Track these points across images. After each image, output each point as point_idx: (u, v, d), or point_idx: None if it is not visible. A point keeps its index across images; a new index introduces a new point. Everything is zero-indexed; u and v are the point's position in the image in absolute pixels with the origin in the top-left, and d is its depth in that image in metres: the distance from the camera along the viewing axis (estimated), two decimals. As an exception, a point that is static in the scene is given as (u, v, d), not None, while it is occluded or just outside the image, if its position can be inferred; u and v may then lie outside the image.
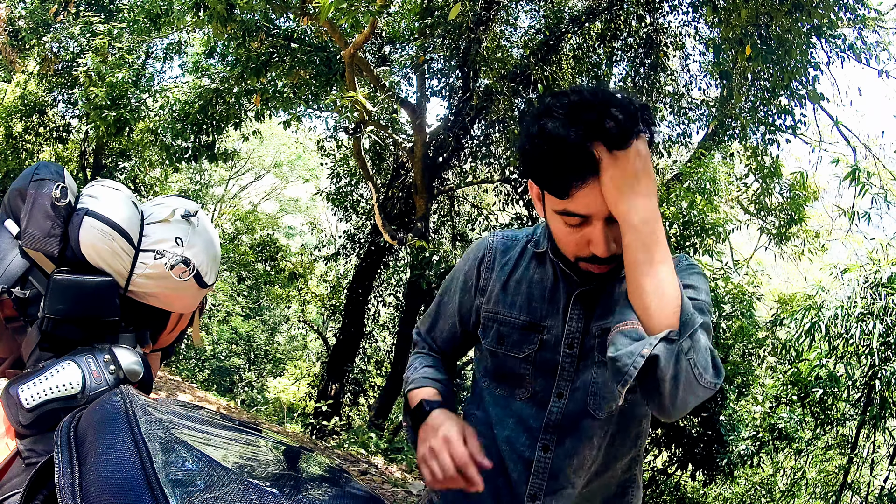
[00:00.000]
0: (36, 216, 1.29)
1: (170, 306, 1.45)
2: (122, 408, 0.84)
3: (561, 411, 1.33)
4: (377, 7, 6.07)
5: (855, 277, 5.97)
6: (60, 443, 0.79)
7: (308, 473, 0.98)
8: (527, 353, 1.35)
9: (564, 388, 1.34)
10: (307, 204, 22.71)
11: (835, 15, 6.45)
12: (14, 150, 11.71)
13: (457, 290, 1.50)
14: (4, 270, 1.30)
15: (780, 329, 6.71)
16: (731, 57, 6.37)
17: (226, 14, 6.73)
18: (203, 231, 1.46)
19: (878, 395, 5.80)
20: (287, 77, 8.15)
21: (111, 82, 8.29)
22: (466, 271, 1.48)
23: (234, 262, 13.50)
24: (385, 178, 10.15)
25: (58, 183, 1.33)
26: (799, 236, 9.50)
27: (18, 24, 10.86)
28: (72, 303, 1.28)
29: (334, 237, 12.54)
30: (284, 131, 9.54)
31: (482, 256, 1.46)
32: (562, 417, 1.33)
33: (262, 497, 0.74)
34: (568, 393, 1.34)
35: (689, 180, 6.89)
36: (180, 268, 1.37)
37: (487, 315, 1.42)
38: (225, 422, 1.04)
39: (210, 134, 8.68)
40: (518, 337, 1.36)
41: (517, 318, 1.37)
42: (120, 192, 1.40)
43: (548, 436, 1.34)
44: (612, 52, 8.43)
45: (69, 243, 1.31)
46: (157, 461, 0.71)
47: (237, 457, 0.88)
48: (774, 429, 6.28)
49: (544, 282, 1.38)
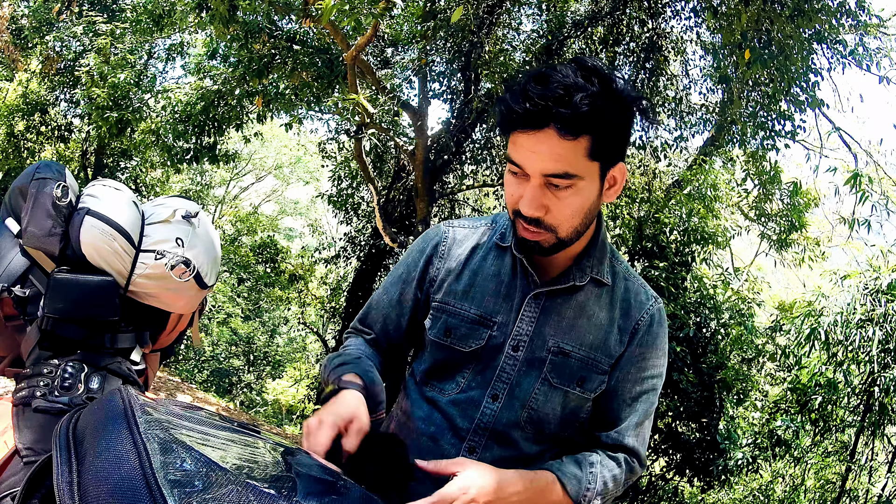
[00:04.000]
0: (37, 215, 1.29)
1: (170, 307, 1.45)
2: (121, 408, 0.84)
3: (494, 415, 1.27)
4: (379, 9, 6.08)
5: (855, 284, 5.97)
6: (59, 442, 0.79)
7: (307, 475, 0.98)
8: (473, 348, 1.28)
9: (501, 391, 1.27)
10: (308, 206, 22.70)
11: (836, 21, 6.45)
12: (15, 149, 11.72)
13: (398, 279, 1.41)
14: (5, 269, 1.30)
15: (779, 335, 6.71)
16: (732, 62, 6.37)
17: (228, 15, 6.73)
18: (204, 232, 1.46)
19: (876, 402, 5.79)
20: (289, 79, 8.16)
21: (113, 83, 8.30)
22: (409, 263, 1.40)
23: (234, 263, 13.50)
24: (386, 181, 10.15)
25: (59, 182, 1.33)
26: (799, 243, 9.49)
27: (21, 23, 10.88)
28: (72, 302, 1.28)
29: (335, 239, 12.55)
30: (286, 133, 9.52)
31: (435, 245, 1.38)
32: (493, 421, 1.27)
33: (260, 498, 0.74)
34: (504, 397, 1.27)
35: (689, 186, 6.89)
36: (180, 268, 1.38)
37: (437, 305, 1.33)
38: (224, 423, 1.04)
39: (211, 135, 8.68)
40: (466, 330, 1.29)
41: (467, 310, 1.29)
42: (121, 193, 1.41)
43: (476, 438, 1.28)
44: (614, 56, 8.44)
45: (70, 242, 1.31)
46: (155, 461, 0.71)
47: (236, 458, 0.88)
48: (773, 435, 6.28)
49: (501, 276, 1.30)
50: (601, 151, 1.12)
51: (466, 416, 1.28)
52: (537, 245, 1.20)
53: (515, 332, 1.27)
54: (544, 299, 1.28)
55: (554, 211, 1.14)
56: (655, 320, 1.32)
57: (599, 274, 1.29)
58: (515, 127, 1.11)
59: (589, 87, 1.07)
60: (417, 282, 1.38)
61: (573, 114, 1.05)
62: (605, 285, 1.30)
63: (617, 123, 1.12)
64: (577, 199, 1.14)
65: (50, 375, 1.25)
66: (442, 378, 1.33)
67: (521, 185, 1.15)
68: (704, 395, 6.21)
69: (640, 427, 1.31)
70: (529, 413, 1.27)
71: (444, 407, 1.31)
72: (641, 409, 1.31)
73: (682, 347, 6.01)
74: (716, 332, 6.46)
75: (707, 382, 6.20)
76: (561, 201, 1.14)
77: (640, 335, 1.30)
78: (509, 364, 1.27)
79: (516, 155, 1.13)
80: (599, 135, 1.09)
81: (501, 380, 1.27)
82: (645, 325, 1.31)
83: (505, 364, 1.27)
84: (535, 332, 1.27)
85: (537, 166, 1.11)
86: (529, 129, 1.09)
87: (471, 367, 1.30)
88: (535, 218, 1.15)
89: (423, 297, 1.38)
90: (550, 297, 1.28)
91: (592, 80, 1.08)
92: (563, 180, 1.11)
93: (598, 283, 1.30)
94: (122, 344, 1.37)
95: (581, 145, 1.09)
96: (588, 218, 1.20)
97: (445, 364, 1.32)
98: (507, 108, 1.11)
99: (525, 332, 1.27)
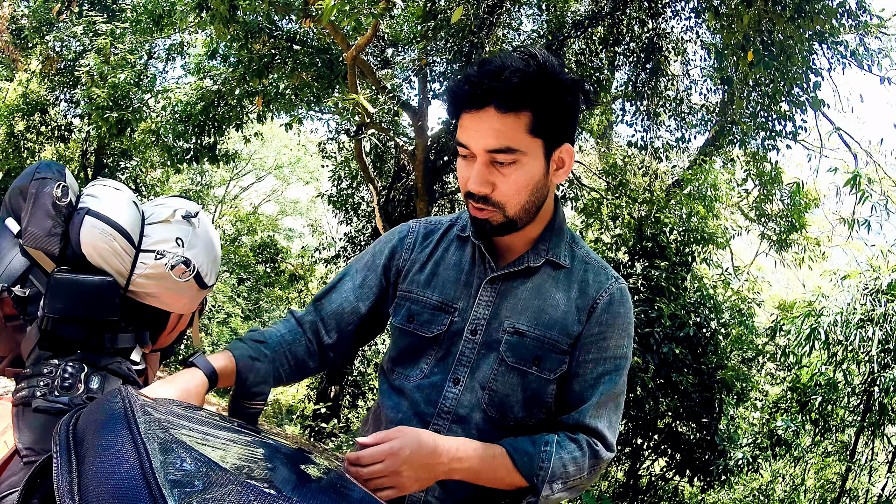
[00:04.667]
0: (37, 215, 1.29)
1: (170, 307, 1.45)
2: (121, 408, 0.83)
3: (456, 398, 1.29)
4: (379, 9, 6.08)
5: (855, 284, 5.98)
6: (59, 442, 0.79)
7: (306, 475, 0.98)
8: (436, 334, 1.32)
9: (462, 375, 1.30)
10: (308, 206, 22.71)
11: (837, 21, 6.45)
12: (15, 149, 11.72)
13: (363, 266, 1.44)
14: (5, 269, 1.30)
15: (779, 335, 6.71)
16: (733, 62, 6.37)
17: (228, 15, 6.73)
18: (204, 232, 1.46)
19: (876, 402, 5.79)
20: (289, 79, 8.16)
21: (113, 83, 8.30)
22: (376, 251, 1.44)
23: (234, 263, 13.51)
24: (386, 181, 10.14)
25: (59, 182, 1.33)
26: (799, 243, 9.49)
27: (21, 23, 10.89)
28: (72, 302, 1.28)
29: (335, 239, 12.53)
30: (286, 133, 9.53)
31: (402, 237, 1.43)
32: (456, 405, 1.29)
33: (260, 498, 0.74)
34: (465, 381, 1.30)
35: (689, 186, 6.89)
36: (180, 268, 1.38)
37: (401, 294, 1.38)
38: (224, 423, 1.04)
39: (211, 135, 8.68)
40: (429, 316, 1.33)
41: (429, 297, 1.34)
42: (121, 192, 1.40)
43: (440, 421, 1.29)
44: (614, 56, 8.44)
45: (70, 242, 1.31)
46: (155, 461, 0.71)
47: (236, 458, 0.88)
48: (773, 435, 6.28)
49: (461, 264, 1.36)
50: (542, 128, 1.18)
51: (430, 402, 1.31)
52: (487, 223, 1.24)
53: (473, 317, 1.31)
54: (501, 283, 1.32)
55: (500, 187, 1.20)
56: (616, 299, 1.32)
57: (556, 256, 1.33)
58: (460, 109, 1.19)
59: (524, 68, 1.15)
60: (383, 269, 1.42)
61: (507, 87, 1.13)
62: (563, 268, 1.33)
63: (555, 101, 1.18)
64: (522, 175, 1.20)
65: (50, 375, 1.25)
66: (407, 365, 1.36)
67: (467, 167, 1.22)
68: (704, 395, 6.20)
69: (602, 408, 1.29)
70: (490, 395, 1.29)
71: (409, 393, 1.33)
72: (602, 388, 1.29)
73: (681, 347, 6.00)
74: (716, 332, 6.46)
75: (707, 382, 6.20)
76: (506, 177, 1.19)
77: (598, 313, 1.30)
78: (468, 348, 1.30)
79: (463, 136, 1.20)
80: (538, 111, 1.16)
81: (462, 363, 1.31)
82: (604, 304, 1.31)
83: (464, 348, 1.31)
84: (492, 315, 1.30)
85: (480, 143, 1.17)
86: (472, 109, 1.17)
87: (433, 352, 1.33)
88: (483, 195, 1.20)
89: (386, 285, 1.42)
90: (506, 281, 1.32)
91: (529, 62, 1.16)
92: (505, 155, 1.17)
93: (555, 265, 1.33)
94: (122, 344, 1.36)
95: (521, 121, 1.16)
96: (536, 197, 1.25)
97: (410, 350, 1.36)
98: (451, 92, 1.20)
99: (482, 315, 1.30)
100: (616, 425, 1.32)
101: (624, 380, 1.32)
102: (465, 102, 1.18)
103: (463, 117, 1.20)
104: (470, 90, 1.16)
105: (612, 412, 1.31)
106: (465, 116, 1.19)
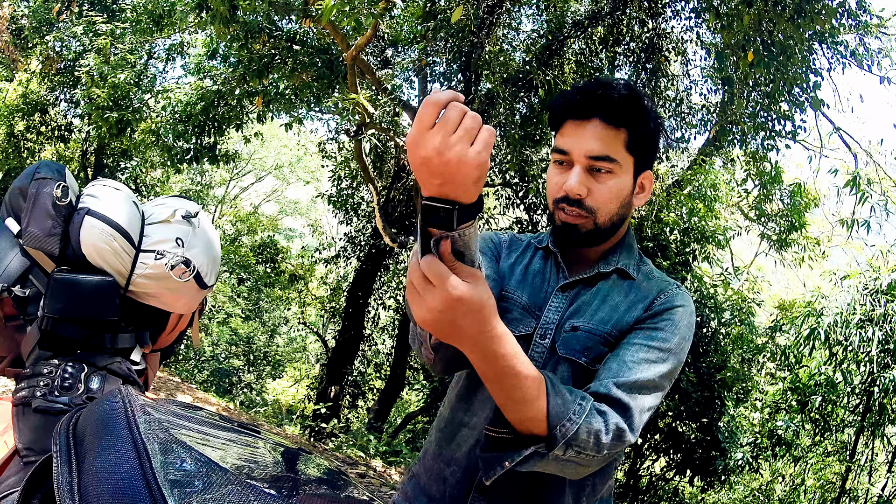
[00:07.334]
0: (37, 215, 1.29)
1: (170, 307, 1.45)
2: (121, 408, 0.83)
3: None
4: (379, 9, 6.08)
5: (854, 284, 5.98)
6: (59, 442, 0.79)
7: (306, 476, 0.98)
8: (523, 333, 1.32)
9: None
10: (308, 206, 22.71)
11: (837, 21, 6.46)
12: (15, 149, 11.72)
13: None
14: (5, 269, 1.30)
15: (779, 335, 6.71)
16: (733, 62, 6.37)
17: (228, 15, 6.73)
18: (203, 232, 1.46)
19: (876, 402, 5.79)
20: (289, 79, 8.15)
21: (113, 83, 8.30)
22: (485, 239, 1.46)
23: (234, 263, 13.50)
24: (386, 181, 10.14)
25: (59, 182, 1.33)
26: (799, 243, 9.49)
27: (21, 23, 10.89)
28: (72, 302, 1.28)
29: (335, 239, 12.56)
30: (286, 133, 9.53)
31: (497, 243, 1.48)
32: None
33: (259, 498, 0.74)
34: None
35: (689, 186, 6.89)
36: (180, 268, 1.38)
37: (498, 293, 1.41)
38: (224, 423, 1.04)
39: (211, 135, 8.68)
40: (518, 314, 1.35)
41: (520, 296, 1.38)
42: (121, 193, 1.40)
43: None
44: (614, 56, 8.44)
45: (70, 242, 1.31)
46: (155, 461, 0.71)
47: (236, 458, 0.88)
48: (773, 435, 6.28)
49: (543, 273, 1.41)
50: (635, 147, 1.27)
51: None
52: (575, 230, 1.29)
53: (543, 321, 1.34)
54: (571, 290, 1.36)
55: (595, 193, 1.26)
56: (676, 302, 1.29)
57: (626, 267, 1.37)
58: (566, 117, 1.28)
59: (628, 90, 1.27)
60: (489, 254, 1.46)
61: (614, 103, 1.24)
62: (631, 279, 1.36)
63: (648, 125, 1.28)
64: (616, 185, 1.27)
65: (50, 375, 1.25)
66: None
67: (564, 175, 1.28)
68: (705, 394, 6.20)
69: (636, 389, 1.17)
70: None
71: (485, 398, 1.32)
72: (640, 372, 1.19)
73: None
74: (716, 332, 6.46)
75: (707, 382, 6.20)
76: (602, 185, 1.26)
77: (656, 308, 1.29)
78: (537, 352, 1.32)
79: (564, 142, 1.27)
80: (633, 130, 1.26)
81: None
82: (662, 300, 1.30)
83: (534, 353, 1.32)
84: (561, 320, 1.33)
85: (584, 148, 1.24)
86: (578, 119, 1.26)
87: None
88: (577, 199, 1.26)
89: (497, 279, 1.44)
90: (576, 288, 1.36)
91: (630, 87, 1.28)
92: (605, 163, 1.25)
93: (623, 274, 1.36)
94: (122, 344, 1.36)
95: (620, 136, 1.25)
96: (623, 211, 1.32)
97: None
98: (559, 102, 1.29)
99: (552, 320, 1.33)
100: (645, 413, 1.19)
101: (666, 376, 1.22)
102: (571, 111, 1.27)
103: (566, 125, 1.28)
104: (581, 100, 1.25)
105: (643, 400, 1.18)
106: (570, 124, 1.27)
